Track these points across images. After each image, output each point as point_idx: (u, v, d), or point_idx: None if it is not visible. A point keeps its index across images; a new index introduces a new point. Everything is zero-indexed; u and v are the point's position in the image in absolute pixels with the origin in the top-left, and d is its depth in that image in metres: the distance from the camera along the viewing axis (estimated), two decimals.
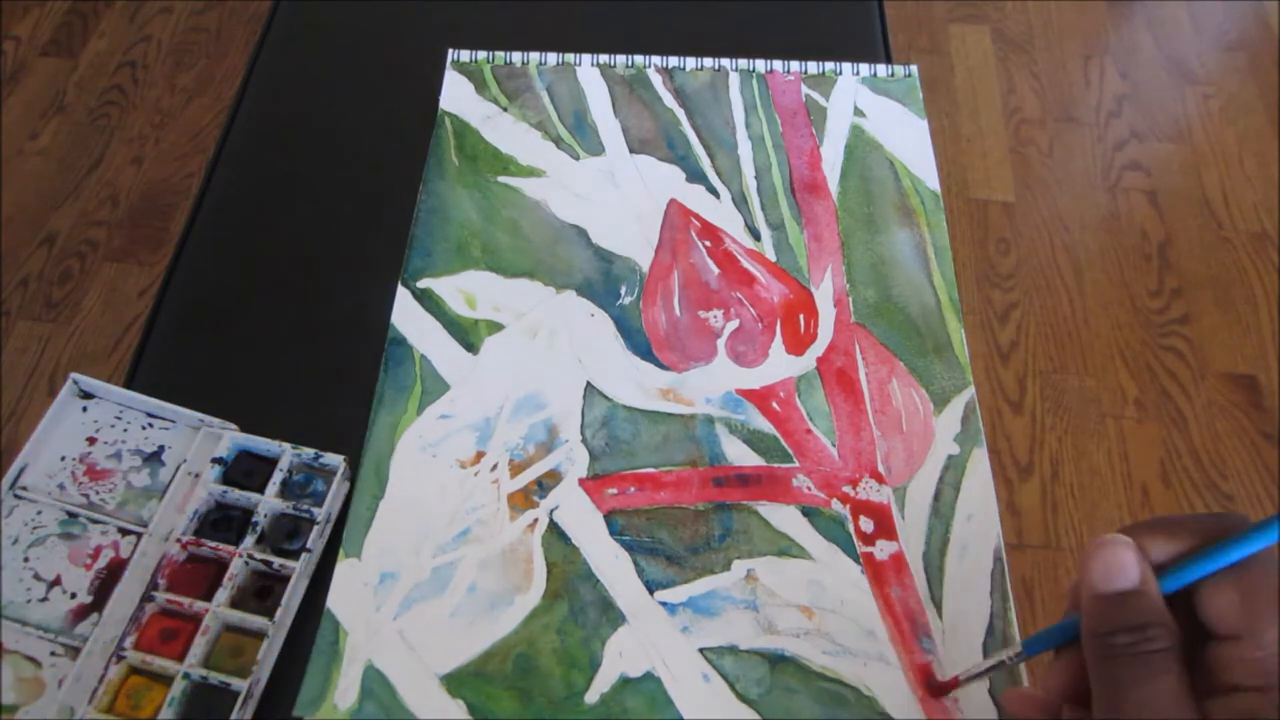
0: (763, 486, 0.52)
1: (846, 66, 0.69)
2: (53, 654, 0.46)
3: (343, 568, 0.49)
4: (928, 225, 0.62)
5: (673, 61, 0.69)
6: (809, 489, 0.52)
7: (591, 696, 0.46)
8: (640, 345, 0.57)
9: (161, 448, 0.52)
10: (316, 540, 0.49)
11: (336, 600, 0.48)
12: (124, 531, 0.49)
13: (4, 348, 1.39)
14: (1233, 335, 1.43)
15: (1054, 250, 1.52)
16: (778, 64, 0.69)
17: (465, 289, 0.59)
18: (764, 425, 0.54)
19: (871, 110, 0.67)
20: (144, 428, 0.53)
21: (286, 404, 0.55)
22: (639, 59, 0.69)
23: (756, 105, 0.68)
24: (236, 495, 0.50)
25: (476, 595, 0.49)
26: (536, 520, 0.51)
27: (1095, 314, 1.45)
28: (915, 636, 0.48)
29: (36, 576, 0.48)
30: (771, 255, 0.61)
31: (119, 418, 0.53)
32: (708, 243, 0.61)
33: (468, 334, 0.57)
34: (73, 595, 0.47)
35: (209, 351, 0.57)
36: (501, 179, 0.64)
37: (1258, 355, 1.41)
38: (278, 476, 0.50)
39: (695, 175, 0.64)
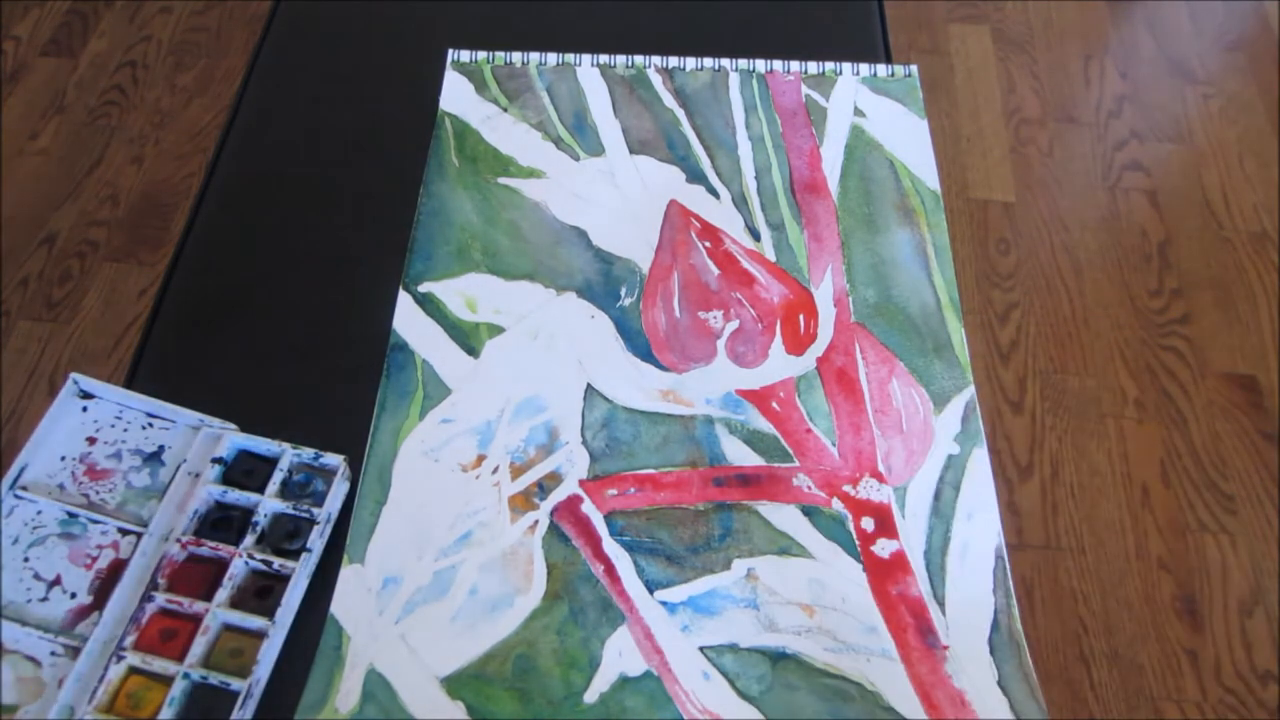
0: (763, 486, 0.52)
1: (846, 66, 0.69)
2: (53, 654, 0.46)
3: (346, 573, 0.49)
4: (928, 225, 0.62)
5: (673, 61, 0.69)
6: (809, 488, 0.52)
7: (590, 696, 0.46)
8: (640, 347, 0.57)
9: (161, 448, 0.52)
10: (316, 540, 0.49)
11: (340, 606, 0.48)
12: (124, 531, 0.49)
13: (4, 348, 1.39)
14: (1233, 335, 1.43)
15: (1054, 250, 1.52)
16: (778, 64, 0.69)
17: (466, 292, 0.59)
18: (764, 425, 0.54)
19: (871, 110, 0.67)
20: (144, 428, 0.53)
21: (286, 404, 0.55)
22: (639, 59, 0.69)
23: (756, 105, 0.68)
24: (236, 495, 0.50)
25: (477, 598, 0.49)
26: (537, 522, 0.51)
27: (1095, 314, 1.45)
28: (920, 633, 0.48)
29: (36, 576, 0.48)
30: (771, 255, 0.61)
31: (119, 418, 0.53)
32: (708, 243, 0.61)
33: (469, 337, 0.57)
34: (73, 595, 0.47)
35: (209, 351, 0.57)
36: (502, 180, 0.64)
37: (1258, 355, 1.41)
38: (278, 476, 0.50)
39: (695, 176, 0.64)
